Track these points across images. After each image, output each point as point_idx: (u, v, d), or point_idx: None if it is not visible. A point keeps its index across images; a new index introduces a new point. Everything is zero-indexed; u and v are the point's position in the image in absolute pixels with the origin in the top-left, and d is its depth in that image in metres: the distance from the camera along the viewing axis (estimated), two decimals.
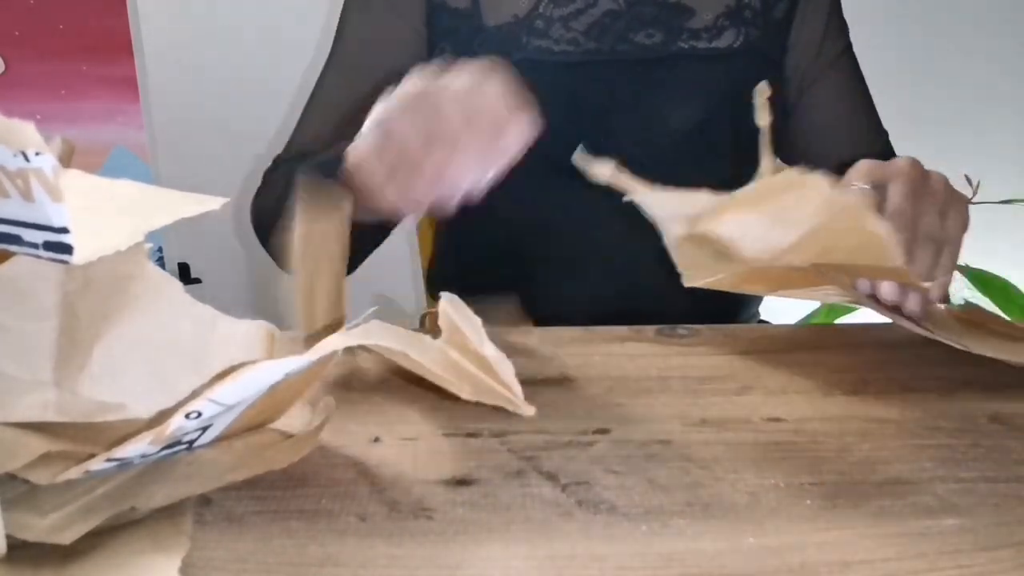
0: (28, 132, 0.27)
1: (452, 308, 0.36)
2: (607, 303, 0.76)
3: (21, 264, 0.32)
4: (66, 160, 0.40)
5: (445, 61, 0.49)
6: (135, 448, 0.31)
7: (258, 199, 0.74)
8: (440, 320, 0.37)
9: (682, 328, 0.55)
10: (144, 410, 0.34)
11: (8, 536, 0.29)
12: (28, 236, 0.30)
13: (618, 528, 0.32)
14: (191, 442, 0.34)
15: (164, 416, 0.31)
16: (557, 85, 0.71)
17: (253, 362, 0.31)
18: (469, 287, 0.52)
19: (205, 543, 0.31)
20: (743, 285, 0.54)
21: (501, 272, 0.79)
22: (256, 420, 0.37)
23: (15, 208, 0.29)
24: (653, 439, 0.39)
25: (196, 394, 0.32)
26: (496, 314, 0.45)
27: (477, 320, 0.36)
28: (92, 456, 0.31)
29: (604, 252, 0.76)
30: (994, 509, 0.33)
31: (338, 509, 0.33)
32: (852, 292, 0.50)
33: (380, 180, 0.47)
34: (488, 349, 0.36)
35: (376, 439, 0.39)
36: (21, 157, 0.27)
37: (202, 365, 0.35)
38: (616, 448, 0.38)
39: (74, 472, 0.31)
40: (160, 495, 0.32)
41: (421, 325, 0.90)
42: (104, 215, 0.31)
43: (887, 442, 0.39)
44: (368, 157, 0.47)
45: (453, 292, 0.41)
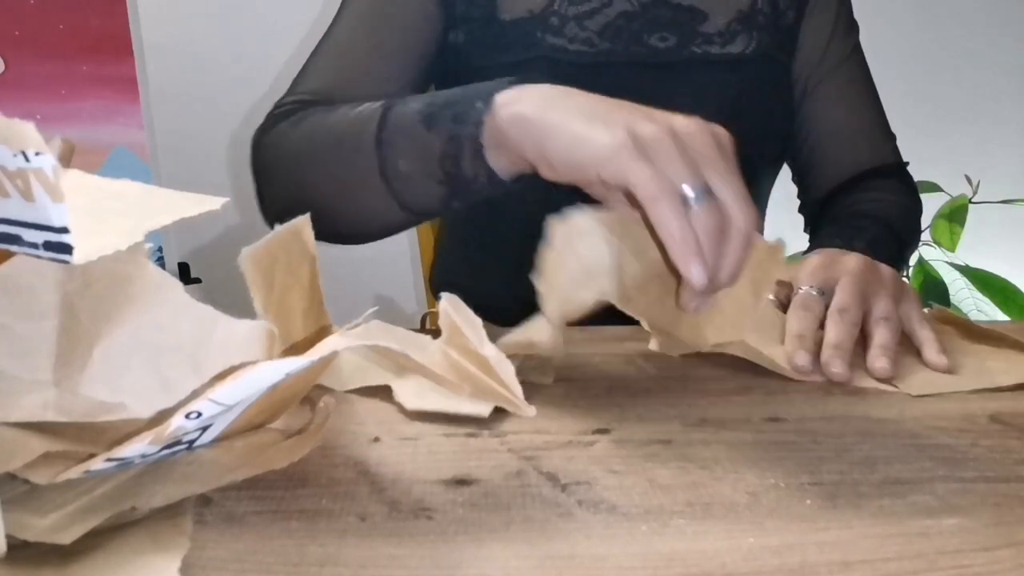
0: (28, 132, 0.27)
1: (452, 308, 0.36)
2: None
3: (21, 264, 0.32)
4: (66, 160, 0.40)
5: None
6: (135, 448, 0.31)
7: (274, 147, 0.68)
8: (440, 320, 0.37)
9: None
10: (144, 410, 0.34)
11: (8, 536, 0.29)
12: (28, 236, 0.30)
13: (618, 528, 0.32)
14: (191, 442, 0.34)
15: (164, 416, 0.31)
16: (570, 85, 0.71)
17: (253, 362, 0.31)
18: (470, 287, 0.53)
19: (205, 543, 0.31)
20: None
21: (502, 272, 0.79)
22: (256, 420, 0.37)
23: (15, 208, 0.29)
24: (653, 439, 0.39)
25: (196, 394, 0.32)
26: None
27: (477, 320, 0.36)
28: (92, 456, 0.31)
29: None
30: (994, 509, 0.33)
31: (338, 509, 0.33)
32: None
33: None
34: (488, 349, 0.36)
35: (376, 439, 0.39)
36: (21, 157, 0.27)
37: (202, 365, 0.35)
38: (616, 448, 0.38)
39: (74, 472, 0.31)
40: (160, 495, 0.32)
41: (421, 325, 0.90)
42: (104, 215, 0.31)
43: (887, 442, 0.39)
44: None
45: (454, 293, 0.41)
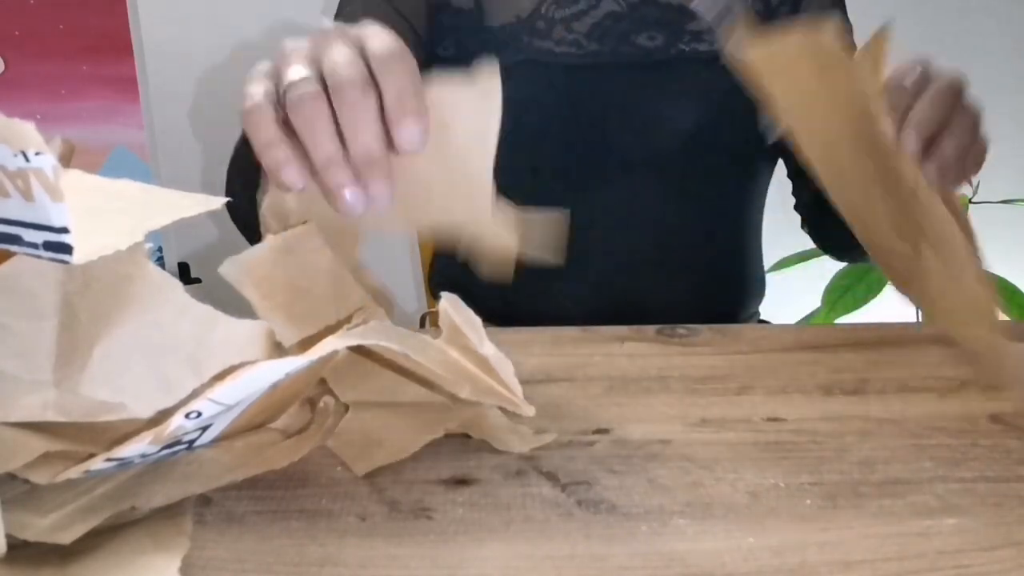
0: (28, 132, 0.27)
1: (452, 308, 0.36)
2: (607, 302, 0.76)
3: (21, 264, 0.32)
4: (66, 160, 0.40)
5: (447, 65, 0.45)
6: (135, 448, 0.31)
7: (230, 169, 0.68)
8: (440, 320, 0.37)
9: (682, 328, 0.55)
10: (144, 410, 0.34)
11: (8, 536, 0.29)
12: (28, 236, 0.30)
13: (618, 528, 0.32)
14: (191, 442, 0.34)
15: (164, 416, 0.31)
16: (559, 87, 0.71)
17: (253, 362, 0.31)
18: (470, 287, 0.52)
19: (205, 543, 0.31)
20: None
21: (500, 285, 0.80)
22: (256, 420, 0.37)
23: (15, 208, 0.29)
24: (653, 439, 0.39)
25: (196, 394, 0.32)
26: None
27: (477, 320, 0.36)
28: (92, 456, 0.31)
29: (604, 252, 0.76)
30: (994, 509, 0.33)
31: (338, 509, 0.33)
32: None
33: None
34: (488, 349, 0.36)
35: None
36: (21, 157, 0.27)
37: (202, 365, 0.35)
38: (616, 448, 0.38)
39: (74, 472, 0.31)
40: (160, 495, 0.32)
41: (421, 325, 0.90)
42: (104, 215, 0.31)
43: (887, 442, 0.39)
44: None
45: (454, 293, 0.41)
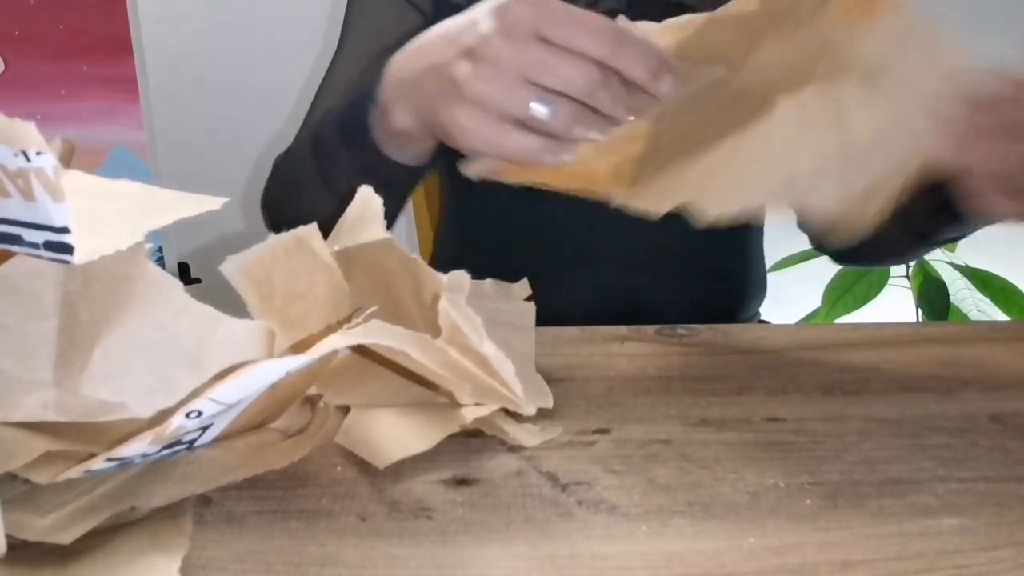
0: (29, 132, 0.27)
1: (452, 307, 0.36)
2: (607, 303, 0.76)
3: (21, 264, 0.32)
4: (66, 160, 0.40)
5: None
6: (135, 448, 0.31)
7: (274, 183, 0.70)
8: (440, 319, 0.37)
9: (682, 328, 0.55)
10: (144, 410, 0.34)
11: (8, 536, 0.29)
12: (29, 236, 0.30)
13: (618, 528, 0.32)
14: (191, 442, 0.34)
15: (164, 416, 0.31)
16: None
17: (253, 361, 0.31)
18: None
19: (205, 543, 0.31)
20: None
21: (501, 272, 0.80)
22: (256, 420, 0.37)
23: (16, 208, 0.29)
24: (653, 439, 0.39)
25: (196, 393, 0.33)
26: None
27: (477, 319, 0.36)
28: (92, 456, 0.31)
29: (604, 253, 0.76)
30: (994, 509, 0.33)
31: (338, 509, 0.33)
32: None
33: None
34: (489, 348, 0.36)
35: None
36: (22, 157, 0.27)
37: (202, 365, 0.35)
38: (616, 448, 0.38)
39: (74, 472, 0.31)
40: (160, 495, 0.32)
41: None
42: (104, 215, 0.31)
43: (887, 442, 0.39)
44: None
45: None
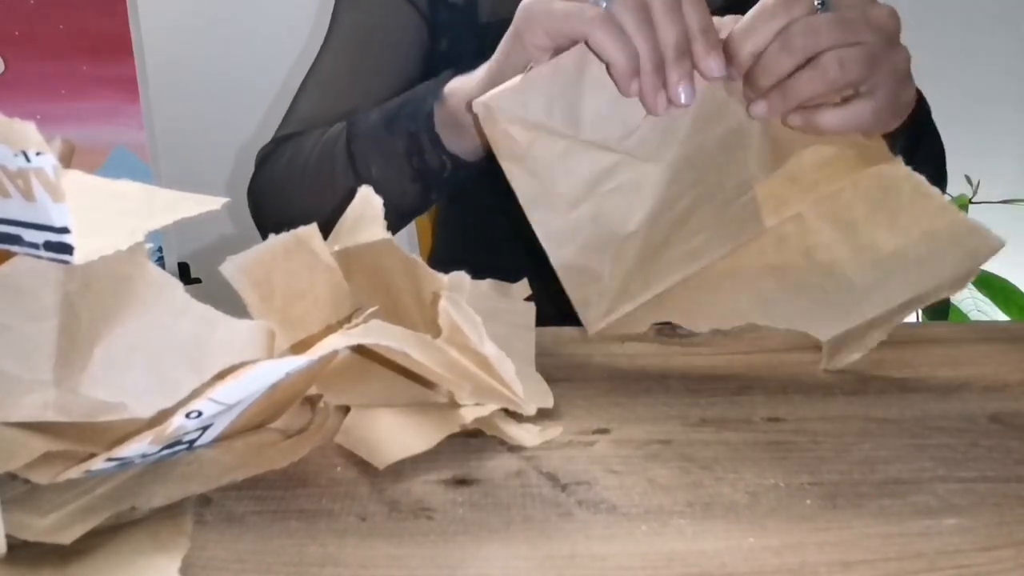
0: (29, 132, 0.27)
1: (452, 307, 0.36)
2: None
3: (21, 264, 0.32)
4: (66, 160, 0.40)
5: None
6: (135, 448, 0.31)
7: (264, 177, 0.69)
8: (440, 319, 0.37)
9: (682, 328, 0.55)
10: (144, 410, 0.34)
11: (8, 536, 0.29)
12: (29, 236, 0.30)
13: (618, 528, 0.32)
14: (191, 442, 0.34)
15: (164, 416, 0.31)
16: None
17: (253, 362, 0.31)
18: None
19: (205, 543, 0.31)
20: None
21: (500, 271, 0.80)
22: (256, 420, 0.37)
23: (16, 208, 0.29)
24: (653, 439, 0.39)
25: (196, 394, 0.33)
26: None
27: (477, 319, 0.36)
28: (92, 456, 0.31)
29: None
30: (994, 509, 0.33)
31: (338, 509, 0.33)
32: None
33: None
34: (489, 348, 0.36)
35: None
36: (22, 157, 0.27)
37: (202, 365, 0.35)
38: (616, 448, 0.38)
39: (74, 472, 0.31)
40: (160, 495, 0.32)
41: None
42: (104, 215, 0.31)
43: (887, 442, 0.39)
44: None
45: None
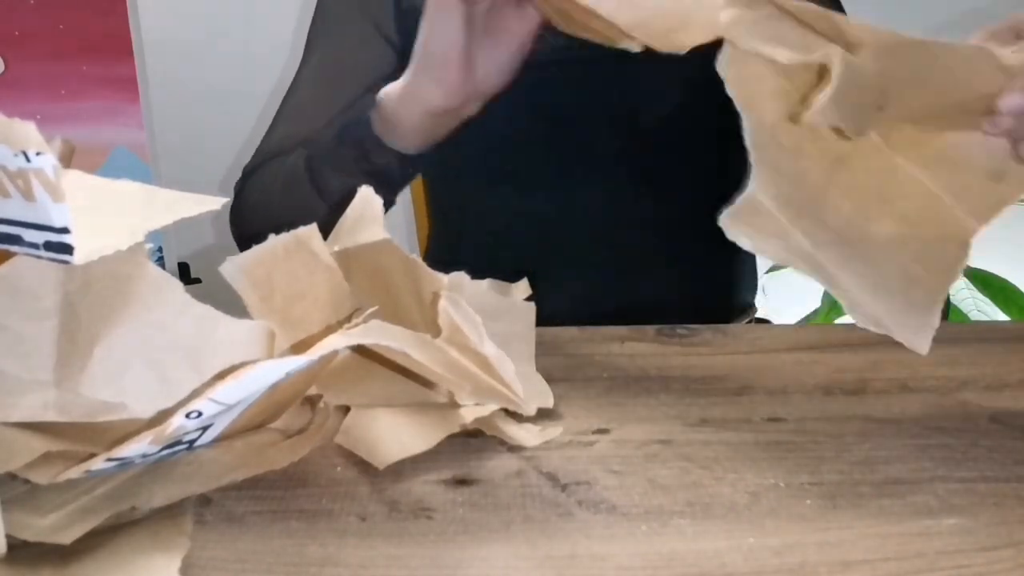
0: (29, 132, 0.27)
1: (452, 307, 0.36)
2: (596, 300, 0.76)
3: (21, 264, 0.32)
4: (66, 160, 0.40)
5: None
6: (135, 448, 0.31)
7: (243, 206, 0.71)
8: (440, 319, 0.37)
9: (682, 328, 0.55)
10: (144, 410, 0.34)
11: (8, 536, 0.29)
12: (29, 236, 0.30)
13: (618, 528, 0.32)
14: (191, 442, 0.34)
15: (164, 416, 0.31)
16: (537, 84, 0.71)
17: (253, 362, 0.31)
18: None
19: (205, 543, 0.31)
20: None
21: (498, 274, 0.80)
22: (256, 420, 0.37)
23: (16, 208, 0.29)
24: (653, 439, 0.39)
25: (196, 394, 0.33)
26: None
27: (477, 319, 0.36)
28: (92, 456, 0.31)
29: (591, 250, 0.76)
30: (994, 509, 0.33)
31: (338, 509, 0.33)
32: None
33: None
34: (488, 348, 0.36)
35: None
36: (22, 157, 0.27)
37: (202, 365, 0.35)
38: (616, 448, 0.38)
39: (74, 472, 0.31)
40: (160, 495, 0.32)
41: None
42: (104, 215, 0.31)
43: (887, 442, 0.39)
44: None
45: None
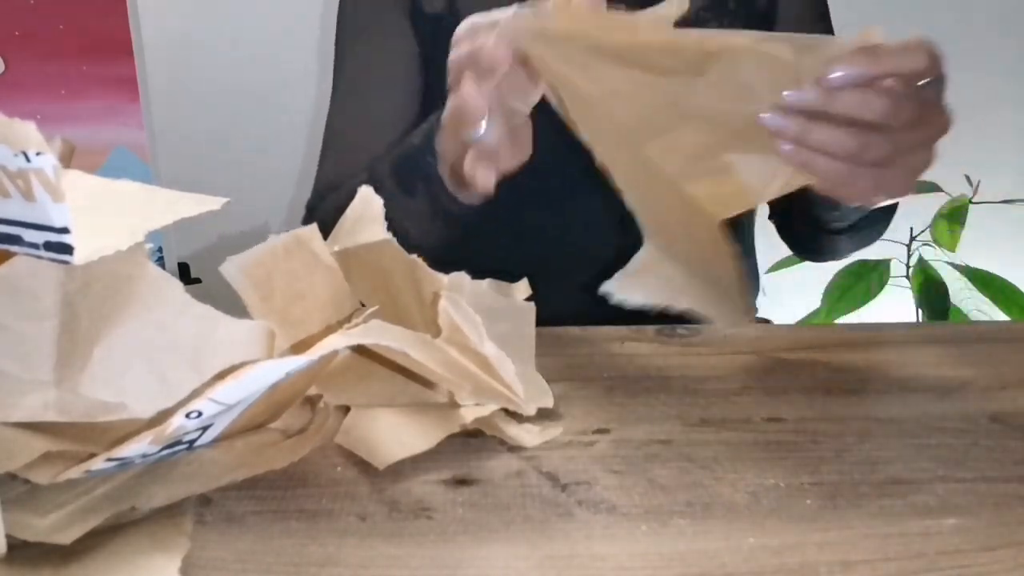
0: (29, 132, 0.27)
1: (452, 307, 0.36)
2: (605, 302, 0.76)
3: (21, 264, 0.32)
4: (66, 160, 0.40)
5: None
6: (135, 448, 0.31)
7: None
8: (440, 319, 0.37)
9: (682, 328, 0.55)
10: (144, 410, 0.34)
11: (8, 536, 0.29)
12: (29, 236, 0.30)
13: (618, 528, 0.32)
14: (191, 442, 0.34)
15: (164, 416, 0.31)
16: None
17: (253, 362, 0.31)
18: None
19: (205, 543, 0.31)
20: None
21: (498, 274, 0.80)
22: (256, 420, 0.37)
23: (16, 208, 0.29)
24: (653, 439, 0.39)
25: (196, 394, 0.33)
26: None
27: (477, 319, 0.36)
28: (92, 456, 0.31)
29: (591, 253, 0.76)
30: (994, 509, 0.33)
31: (338, 509, 0.33)
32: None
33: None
34: (489, 348, 0.36)
35: None
36: (22, 157, 0.27)
37: (202, 365, 0.35)
38: (616, 448, 0.38)
39: (74, 472, 0.31)
40: (160, 495, 0.32)
41: None
42: (104, 215, 0.31)
43: (887, 442, 0.39)
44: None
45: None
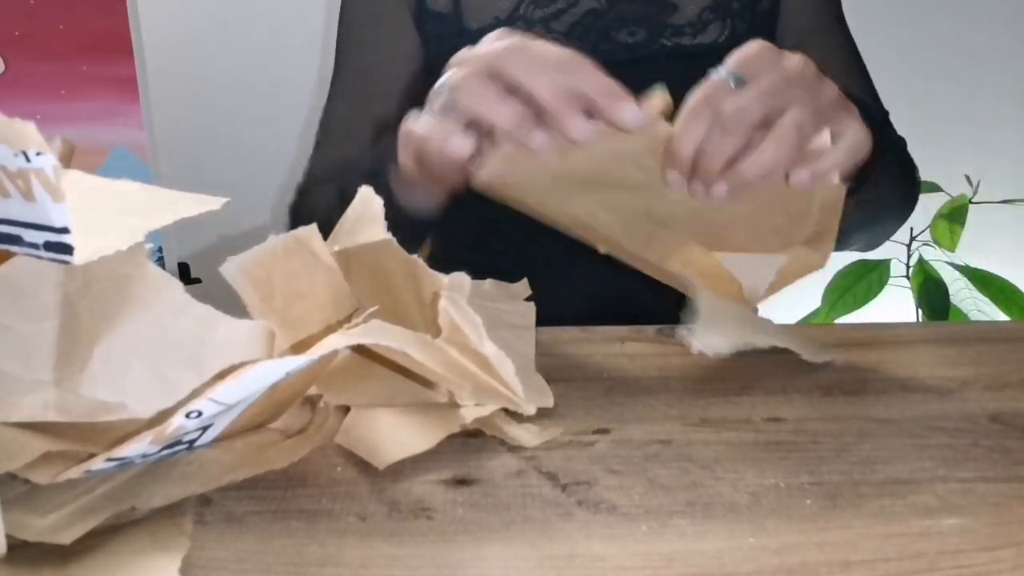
0: (29, 132, 0.27)
1: (452, 307, 0.36)
2: (596, 301, 0.76)
3: (21, 264, 0.32)
4: (66, 160, 0.40)
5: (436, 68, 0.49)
6: (135, 448, 0.31)
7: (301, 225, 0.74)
8: (440, 319, 0.37)
9: (682, 328, 0.55)
10: (144, 410, 0.34)
11: (8, 536, 0.29)
12: (29, 236, 0.30)
13: (618, 528, 0.32)
14: (191, 442, 0.34)
15: (164, 416, 0.31)
16: None
17: (253, 362, 0.31)
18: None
19: (205, 543, 0.31)
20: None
21: (498, 274, 0.80)
22: (256, 420, 0.37)
23: (16, 208, 0.29)
24: (653, 439, 0.39)
25: (196, 394, 0.33)
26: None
27: (477, 319, 0.36)
28: (92, 456, 0.31)
29: (590, 252, 0.76)
30: (994, 509, 0.33)
31: (338, 509, 0.33)
32: None
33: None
34: (488, 348, 0.36)
35: None
36: (22, 157, 0.27)
37: (202, 365, 0.35)
38: (616, 448, 0.38)
39: (74, 472, 0.31)
40: (160, 495, 0.32)
41: None
42: (104, 215, 0.31)
43: (887, 442, 0.39)
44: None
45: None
